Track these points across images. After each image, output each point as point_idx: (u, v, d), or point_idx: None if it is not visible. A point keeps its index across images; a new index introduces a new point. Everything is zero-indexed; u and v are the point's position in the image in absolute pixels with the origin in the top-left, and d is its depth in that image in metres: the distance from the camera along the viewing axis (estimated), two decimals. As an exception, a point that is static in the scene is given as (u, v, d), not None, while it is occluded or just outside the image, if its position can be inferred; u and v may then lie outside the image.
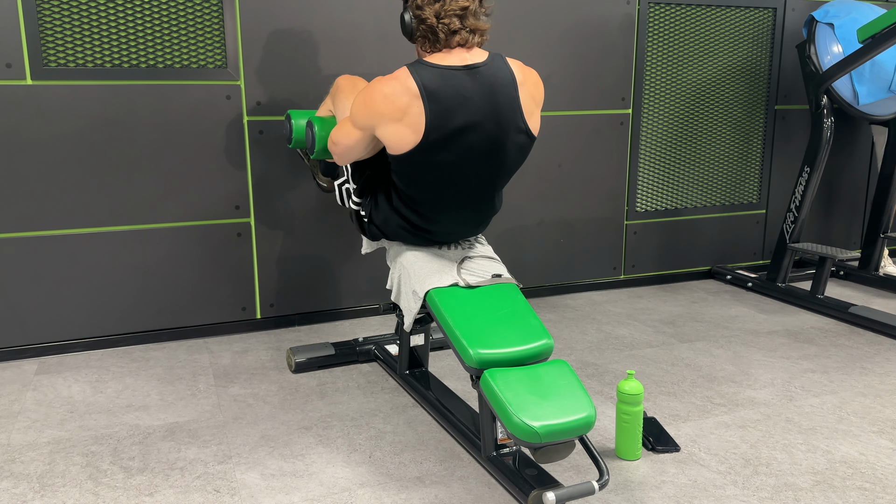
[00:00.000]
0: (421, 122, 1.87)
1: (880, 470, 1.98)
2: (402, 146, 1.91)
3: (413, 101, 1.86)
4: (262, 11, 2.84)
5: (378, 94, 1.89)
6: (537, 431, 1.63)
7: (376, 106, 1.90)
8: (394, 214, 2.11)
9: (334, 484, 1.91)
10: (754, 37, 3.73)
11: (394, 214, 2.11)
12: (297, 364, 2.63)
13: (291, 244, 3.08)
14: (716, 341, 2.98)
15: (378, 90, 1.89)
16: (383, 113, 1.89)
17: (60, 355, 2.82)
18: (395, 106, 1.87)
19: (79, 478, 1.94)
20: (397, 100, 1.87)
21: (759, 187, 3.94)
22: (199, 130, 2.86)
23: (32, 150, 2.67)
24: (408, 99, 1.86)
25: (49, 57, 2.63)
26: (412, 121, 1.87)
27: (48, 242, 2.75)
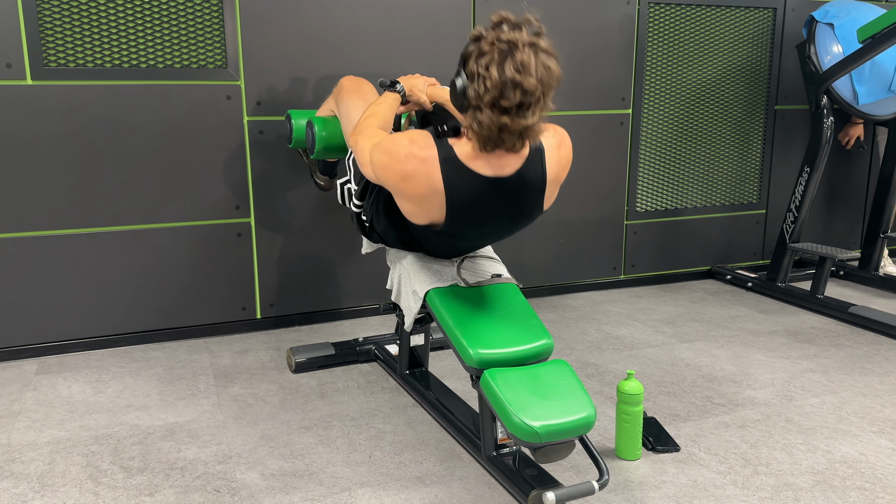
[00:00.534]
0: (439, 214, 1.79)
1: (880, 470, 1.98)
2: (415, 220, 1.86)
3: (435, 195, 1.75)
4: (262, 11, 2.84)
5: (399, 171, 1.75)
6: (537, 431, 1.63)
7: (394, 179, 1.78)
8: (396, 231, 2.10)
9: (334, 484, 1.91)
10: (754, 37, 3.73)
11: (396, 231, 2.10)
12: (297, 364, 2.63)
13: (291, 244, 3.08)
14: (716, 341, 2.98)
15: (401, 167, 1.74)
16: (399, 189, 1.80)
17: (60, 355, 2.82)
18: (413, 191, 1.76)
19: (79, 478, 1.94)
20: (417, 187, 1.75)
21: (759, 187, 3.94)
22: (199, 130, 2.86)
23: (32, 150, 2.67)
24: (429, 191, 1.75)
25: (49, 57, 2.63)
26: (430, 209, 1.79)
27: (48, 242, 2.75)
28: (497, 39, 1.59)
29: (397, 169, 1.75)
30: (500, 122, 1.61)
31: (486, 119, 1.62)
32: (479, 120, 1.63)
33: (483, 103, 1.61)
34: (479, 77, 1.60)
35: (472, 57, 1.62)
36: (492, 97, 1.59)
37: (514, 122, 1.61)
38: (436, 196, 1.76)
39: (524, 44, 1.58)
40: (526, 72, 1.57)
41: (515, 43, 1.58)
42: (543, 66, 1.60)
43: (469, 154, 1.73)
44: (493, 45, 1.59)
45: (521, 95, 1.58)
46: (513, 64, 1.57)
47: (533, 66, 1.58)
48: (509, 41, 1.58)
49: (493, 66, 1.57)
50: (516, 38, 1.58)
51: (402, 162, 1.74)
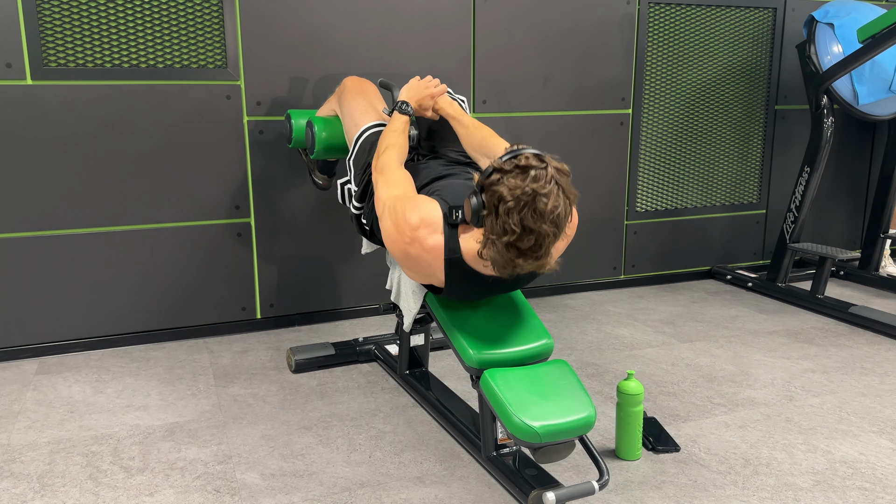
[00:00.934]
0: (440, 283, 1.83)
1: (880, 470, 1.98)
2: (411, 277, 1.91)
3: (433, 276, 1.81)
4: (262, 11, 2.84)
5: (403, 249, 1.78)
6: (537, 431, 1.63)
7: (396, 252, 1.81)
8: None
9: (334, 484, 1.91)
10: (754, 37, 3.73)
11: None
12: (297, 364, 2.63)
13: (291, 244, 3.08)
14: (716, 341, 2.98)
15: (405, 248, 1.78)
16: (400, 261, 1.84)
17: (60, 355, 2.82)
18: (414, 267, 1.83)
19: (79, 478, 1.94)
20: (418, 268, 1.81)
21: (759, 187, 3.94)
22: (199, 130, 2.86)
23: (32, 150, 2.67)
24: (429, 272, 1.80)
25: (49, 57, 2.63)
26: (427, 279, 1.85)
27: (48, 242, 2.75)
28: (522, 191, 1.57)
29: (401, 246, 1.79)
30: (514, 261, 1.62)
31: (499, 257, 1.63)
32: (494, 257, 1.64)
33: (499, 241, 1.61)
34: (499, 218, 1.59)
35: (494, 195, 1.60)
36: (508, 240, 1.59)
37: (526, 262, 1.63)
38: (434, 277, 1.81)
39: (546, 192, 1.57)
40: (542, 220, 1.58)
41: (537, 192, 1.57)
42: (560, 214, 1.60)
43: (474, 254, 1.72)
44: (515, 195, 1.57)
45: (535, 239, 1.59)
46: (531, 213, 1.57)
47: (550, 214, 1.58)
48: (532, 191, 1.57)
49: (514, 214, 1.57)
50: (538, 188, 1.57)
51: (407, 244, 1.77)
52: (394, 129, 2.09)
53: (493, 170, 1.62)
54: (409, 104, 2.15)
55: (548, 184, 1.58)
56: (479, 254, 1.67)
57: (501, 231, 1.59)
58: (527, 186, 1.57)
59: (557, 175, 1.60)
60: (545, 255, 1.63)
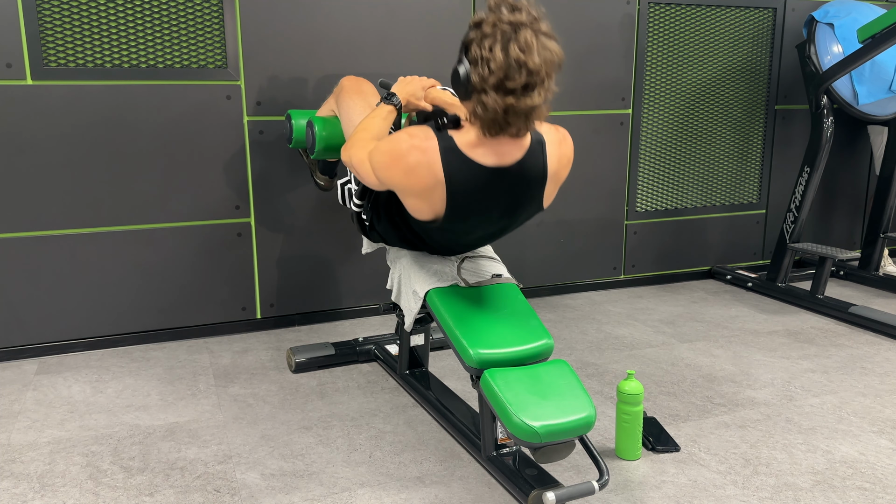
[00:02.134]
0: (440, 206, 1.78)
1: (880, 470, 1.98)
2: (417, 215, 1.86)
3: (437, 186, 1.74)
4: (262, 11, 2.85)
5: (402, 166, 1.74)
6: (537, 431, 1.63)
7: (398, 176, 1.77)
8: (396, 230, 2.09)
9: (334, 484, 1.91)
10: (754, 37, 3.73)
11: (396, 230, 2.09)
12: (297, 364, 2.63)
13: (291, 244, 3.08)
14: (716, 341, 2.98)
15: (403, 161, 1.73)
16: (404, 186, 1.79)
17: (60, 355, 2.82)
18: (418, 184, 1.76)
19: (79, 478, 1.94)
20: (421, 179, 1.74)
21: (759, 187, 3.94)
22: (199, 130, 2.86)
23: (32, 150, 2.67)
24: (432, 182, 1.74)
25: (49, 57, 2.63)
26: (432, 202, 1.79)
27: (48, 242, 2.75)
28: (498, 21, 1.58)
29: (400, 164, 1.74)
30: (505, 103, 1.61)
31: (491, 101, 1.61)
32: (484, 103, 1.62)
33: (488, 86, 1.60)
34: (483, 60, 1.59)
35: (475, 42, 1.61)
36: (497, 79, 1.58)
37: (519, 103, 1.61)
38: (438, 186, 1.75)
39: (525, 25, 1.58)
40: (530, 51, 1.57)
41: (517, 24, 1.58)
42: (545, 46, 1.60)
43: (470, 143, 1.72)
44: (494, 27, 1.58)
45: (526, 75, 1.58)
46: (516, 44, 1.56)
47: (535, 45, 1.58)
48: (511, 22, 1.57)
49: (496, 48, 1.57)
50: (517, 20, 1.58)
51: (404, 155, 1.73)
52: (373, 116, 2.05)
53: (471, 24, 1.63)
54: (397, 95, 2.11)
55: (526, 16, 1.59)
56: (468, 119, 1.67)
57: (488, 72, 1.58)
58: (505, 18, 1.58)
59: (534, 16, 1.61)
60: (538, 96, 1.62)
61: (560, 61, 1.63)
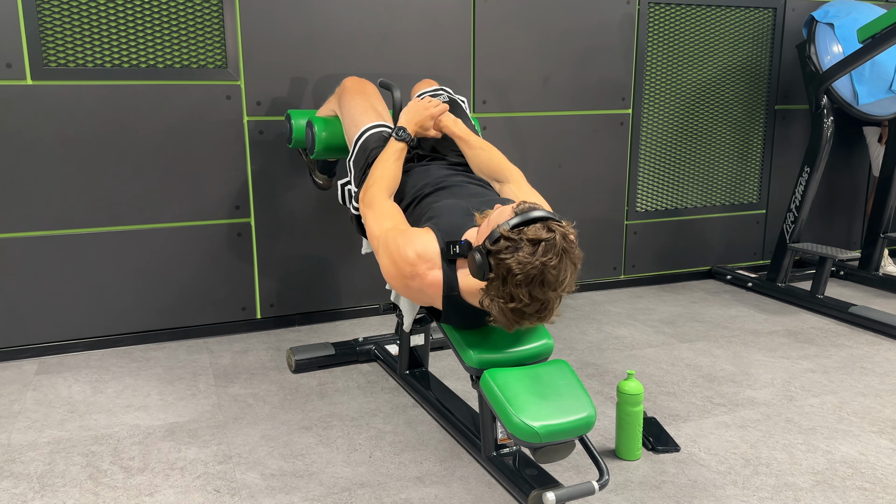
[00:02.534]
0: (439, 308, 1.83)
1: (880, 470, 1.98)
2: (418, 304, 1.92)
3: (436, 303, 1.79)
4: (262, 11, 2.84)
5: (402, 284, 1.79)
6: (537, 431, 1.63)
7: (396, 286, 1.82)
8: None
9: (334, 484, 1.91)
10: (754, 37, 3.73)
11: None
12: (297, 364, 2.63)
13: (291, 244, 3.08)
14: (716, 341, 2.98)
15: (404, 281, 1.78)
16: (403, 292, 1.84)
17: (60, 355, 2.82)
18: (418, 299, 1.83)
19: (79, 478, 1.94)
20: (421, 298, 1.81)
21: (759, 187, 3.94)
22: (199, 130, 2.86)
23: (32, 150, 2.67)
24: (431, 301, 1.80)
25: (49, 57, 2.63)
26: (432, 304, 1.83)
27: (48, 242, 2.75)
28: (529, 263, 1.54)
29: (401, 281, 1.78)
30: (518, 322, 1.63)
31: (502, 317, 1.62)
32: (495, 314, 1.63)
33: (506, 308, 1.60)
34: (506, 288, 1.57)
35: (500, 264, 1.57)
36: (515, 307, 1.59)
37: (531, 322, 1.64)
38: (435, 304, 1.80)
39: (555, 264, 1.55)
40: (550, 288, 1.57)
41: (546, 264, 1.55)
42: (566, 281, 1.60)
43: (473, 291, 1.70)
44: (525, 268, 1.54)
45: (540, 306, 1.60)
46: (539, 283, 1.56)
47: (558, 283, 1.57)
48: (542, 263, 1.54)
49: (522, 287, 1.56)
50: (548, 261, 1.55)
51: (407, 278, 1.76)
52: (387, 158, 2.05)
53: (500, 237, 1.57)
54: (407, 129, 2.11)
55: (556, 256, 1.55)
56: (480, 303, 1.66)
57: (508, 299, 1.58)
58: (536, 261, 1.54)
59: (565, 243, 1.57)
60: (548, 315, 1.65)
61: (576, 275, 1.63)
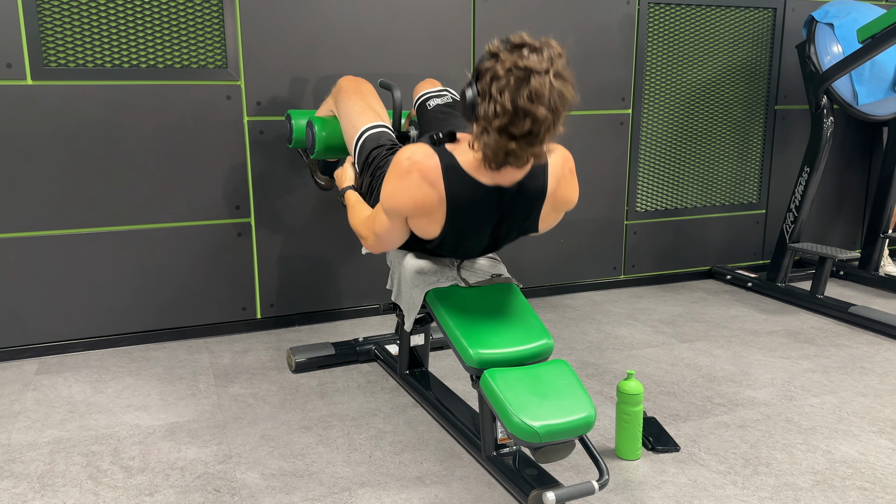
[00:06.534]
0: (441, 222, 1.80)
1: (880, 470, 1.98)
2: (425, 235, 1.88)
3: (439, 206, 1.75)
4: (262, 11, 2.85)
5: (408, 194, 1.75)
6: (537, 431, 1.63)
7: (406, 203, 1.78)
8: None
9: (334, 484, 1.91)
10: (754, 37, 3.73)
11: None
12: (297, 364, 2.63)
13: (291, 244, 3.08)
14: (716, 341, 2.98)
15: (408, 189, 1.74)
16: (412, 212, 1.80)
17: (60, 355, 2.82)
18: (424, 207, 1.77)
19: (79, 478, 1.94)
20: (427, 202, 1.76)
21: (759, 187, 3.94)
22: (199, 130, 2.86)
23: (32, 150, 2.67)
24: (436, 203, 1.75)
25: (49, 57, 2.63)
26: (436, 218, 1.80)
27: (48, 242, 2.75)
28: (514, 66, 1.52)
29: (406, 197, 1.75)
30: (507, 147, 1.59)
31: (492, 142, 1.60)
32: (486, 142, 1.61)
33: (491, 127, 1.58)
34: (491, 99, 1.56)
35: (487, 76, 1.57)
36: (501, 123, 1.56)
37: (520, 149, 1.60)
38: (440, 207, 1.76)
39: (541, 70, 1.53)
40: (539, 101, 1.53)
41: (532, 69, 1.52)
42: (558, 94, 1.56)
43: (471, 163, 1.72)
44: (509, 71, 1.53)
45: (531, 124, 1.55)
46: (527, 92, 1.52)
47: (547, 94, 1.54)
48: (526, 67, 1.52)
49: (506, 92, 1.53)
50: (533, 65, 1.52)
51: (406, 174, 1.73)
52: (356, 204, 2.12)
53: (487, 53, 1.57)
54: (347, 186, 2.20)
55: (544, 61, 1.53)
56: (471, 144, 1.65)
57: (493, 114, 1.55)
58: (520, 62, 1.51)
59: (552, 53, 1.55)
60: (540, 143, 1.59)
61: (571, 105, 1.60)
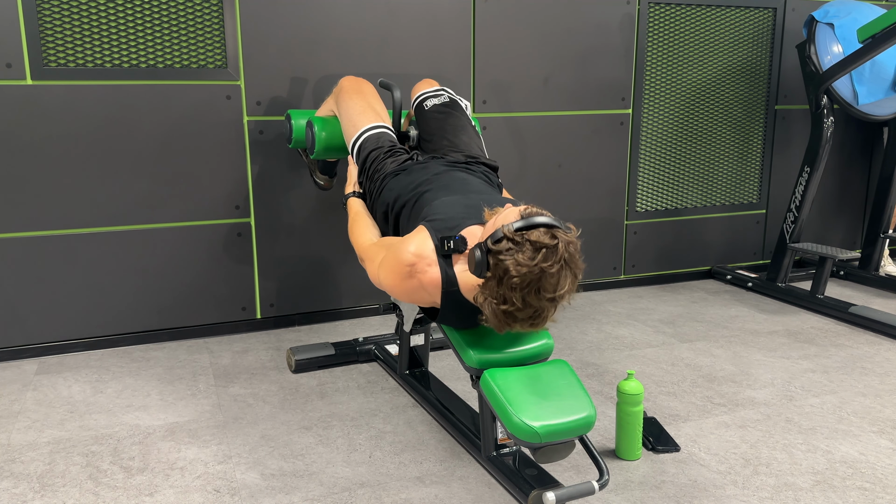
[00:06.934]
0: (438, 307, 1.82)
1: (880, 470, 1.98)
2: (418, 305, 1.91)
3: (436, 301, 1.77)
4: (262, 11, 2.84)
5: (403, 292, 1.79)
6: (537, 431, 1.63)
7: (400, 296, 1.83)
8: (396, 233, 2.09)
9: (334, 484, 1.91)
10: (754, 37, 3.73)
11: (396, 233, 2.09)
12: (297, 364, 2.63)
13: (291, 244, 3.08)
14: (716, 341, 2.98)
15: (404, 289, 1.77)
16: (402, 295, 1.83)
17: (60, 355, 2.82)
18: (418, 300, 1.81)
19: (79, 478, 1.94)
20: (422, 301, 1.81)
21: (759, 187, 3.94)
22: (199, 130, 2.86)
23: (32, 150, 2.67)
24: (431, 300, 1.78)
25: (49, 57, 2.63)
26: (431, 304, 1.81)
27: (48, 242, 2.75)
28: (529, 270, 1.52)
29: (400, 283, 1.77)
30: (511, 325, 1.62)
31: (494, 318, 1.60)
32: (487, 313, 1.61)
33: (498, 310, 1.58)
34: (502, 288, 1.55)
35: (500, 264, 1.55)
36: (508, 308, 1.57)
37: (522, 327, 1.62)
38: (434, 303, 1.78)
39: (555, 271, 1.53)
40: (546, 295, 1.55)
41: (545, 271, 1.53)
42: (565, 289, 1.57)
43: (472, 287, 1.68)
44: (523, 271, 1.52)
45: (533, 312, 1.59)
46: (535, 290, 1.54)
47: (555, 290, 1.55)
48: (541, 269, 1.53)
49: (517, 290, 1.54)
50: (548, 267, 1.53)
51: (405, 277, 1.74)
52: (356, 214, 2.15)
53: (502, 237, 1.55)
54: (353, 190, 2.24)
55: (557, 263, 1.53)
56: (475, 299, 1.65)
57: (501, 300, 1.56)
58: (535, 266, 1.52)
59: (567, 253, 1.55)
60: (541, 323, 1.63)
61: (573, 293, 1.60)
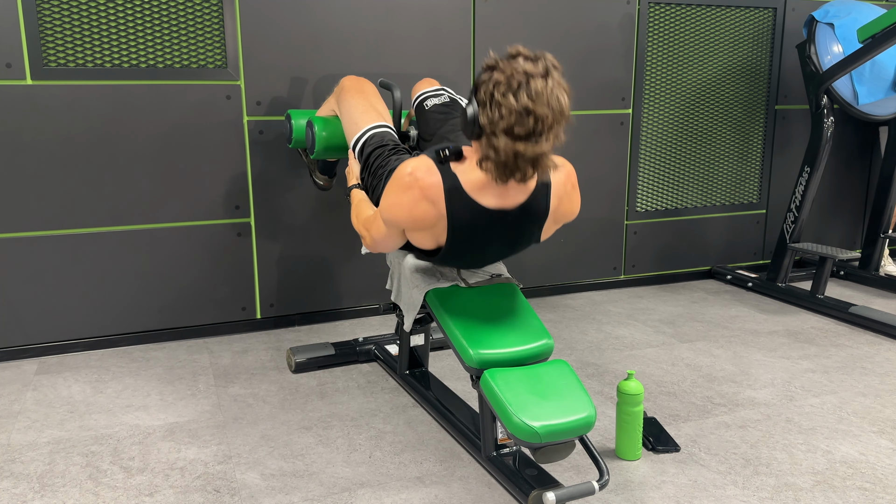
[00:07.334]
0: (442, 238, 1.82)
1: (880, 470, 1.98)
2: (421, 246, 1.89)
3: (439, 220, 1.77)
4: (262, 11, 2.85)
5: (407, 209, 1.77)
6: (537, 431, 1.63)
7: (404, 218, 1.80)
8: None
9: (334, 484, 1.91)
10: (754, 37, 3.73)
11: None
12: (297, 364, 2.63)
13: (291, 244, 3.08)
14: (716, 341, 2.98)
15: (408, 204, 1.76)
16: (410, 226, 1.82)
17: (60, 355, 2.82)
18: (423, 223, 1.79)
19: (79, 478, 1.94)
20: (425, 219, 1.77)
21: (759, 187, 3.94)
22: (199, 130, 2.86)
23: (32, 150, 2.67)
24: (435, 220, 1.77)
25: (49, 57, 2.63)
26: (434, 233, 1.82)
27: (48, 242, 2.75)
28: (514, 72, 1.61)
29: (405, 210, 1.76)
30: (515, 148, 1.63)
31: (501, 145, 1.63)
32: (495, 146, 1.64)
33: (498, 129, 1.62)
34: (494, 104, 1.62)
35: (486, 85, 1.64)
36: (507, 124, 1.61)
37: (528, 149, 1.63)
38: (440, 220, 1.77)
39: (539, 74, 1.62)
40: (539, 100, 1.60)
41: (530, 73, 1.61)
42: (556, 97, 1.63)
43: (474, 184, 1.73)
44: (510, 77, 1.61)
45: (533, 122, 1.61)
46: (526, 92, 1.60)
47: (546, 94, 1.61)
48: (525, 72, 1.61)
49: (508, 95, 1.60)
50: (531, 70, 1.61)
51: (406, 189, 1.74)
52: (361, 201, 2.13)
53: (484, 67, 1.66)
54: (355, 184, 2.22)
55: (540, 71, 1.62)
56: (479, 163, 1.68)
57: (498, 116, 1.61)
58: (520, 67, 1.61)
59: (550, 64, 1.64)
60: (545, 140, 1.65)
61: (568, 114, 1.66)
